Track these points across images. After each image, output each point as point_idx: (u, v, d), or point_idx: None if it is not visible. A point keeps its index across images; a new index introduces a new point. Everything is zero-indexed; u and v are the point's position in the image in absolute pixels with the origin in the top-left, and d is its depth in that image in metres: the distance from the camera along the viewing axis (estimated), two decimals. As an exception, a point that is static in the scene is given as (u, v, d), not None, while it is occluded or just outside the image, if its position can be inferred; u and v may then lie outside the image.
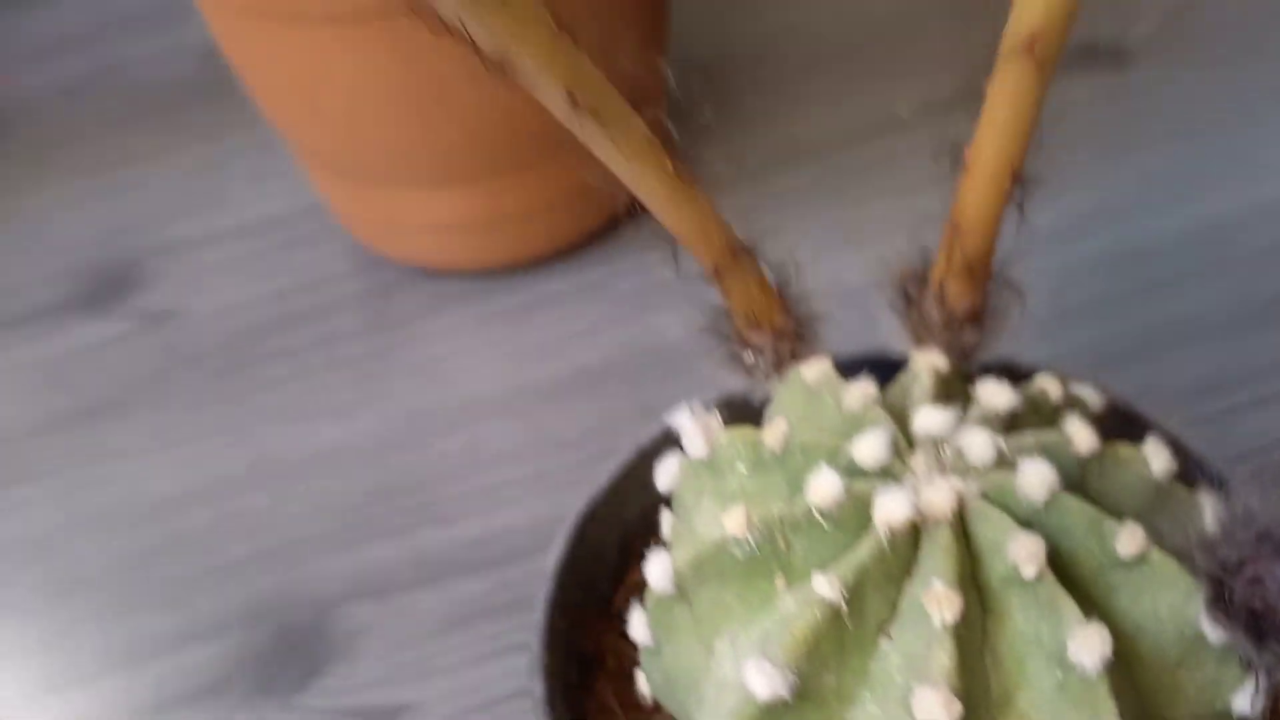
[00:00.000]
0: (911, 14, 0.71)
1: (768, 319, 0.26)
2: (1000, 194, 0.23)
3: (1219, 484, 0.24)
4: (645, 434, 0.31)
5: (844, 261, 0.57)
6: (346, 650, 0.45)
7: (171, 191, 0.68)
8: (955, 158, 0.23)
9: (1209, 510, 0.24)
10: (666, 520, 0.27)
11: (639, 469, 0.30)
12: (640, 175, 0.22)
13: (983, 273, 0.24)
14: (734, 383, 0.29)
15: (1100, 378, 0.47)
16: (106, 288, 0.63)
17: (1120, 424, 0.28)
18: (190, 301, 0.61)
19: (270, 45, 0.48)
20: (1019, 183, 0.23)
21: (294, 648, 0.46)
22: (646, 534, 0.30)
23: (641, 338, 0.55)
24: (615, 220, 0.60)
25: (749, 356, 0.26)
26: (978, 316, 0.25)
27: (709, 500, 0.25)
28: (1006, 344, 0.29)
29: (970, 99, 0.24)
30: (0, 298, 0.64)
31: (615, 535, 0.32)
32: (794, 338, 0.26)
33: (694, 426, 0.25)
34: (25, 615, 0.49)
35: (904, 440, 0.24)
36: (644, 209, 0.24)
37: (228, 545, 0.50)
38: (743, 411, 0.28)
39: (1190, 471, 0.27)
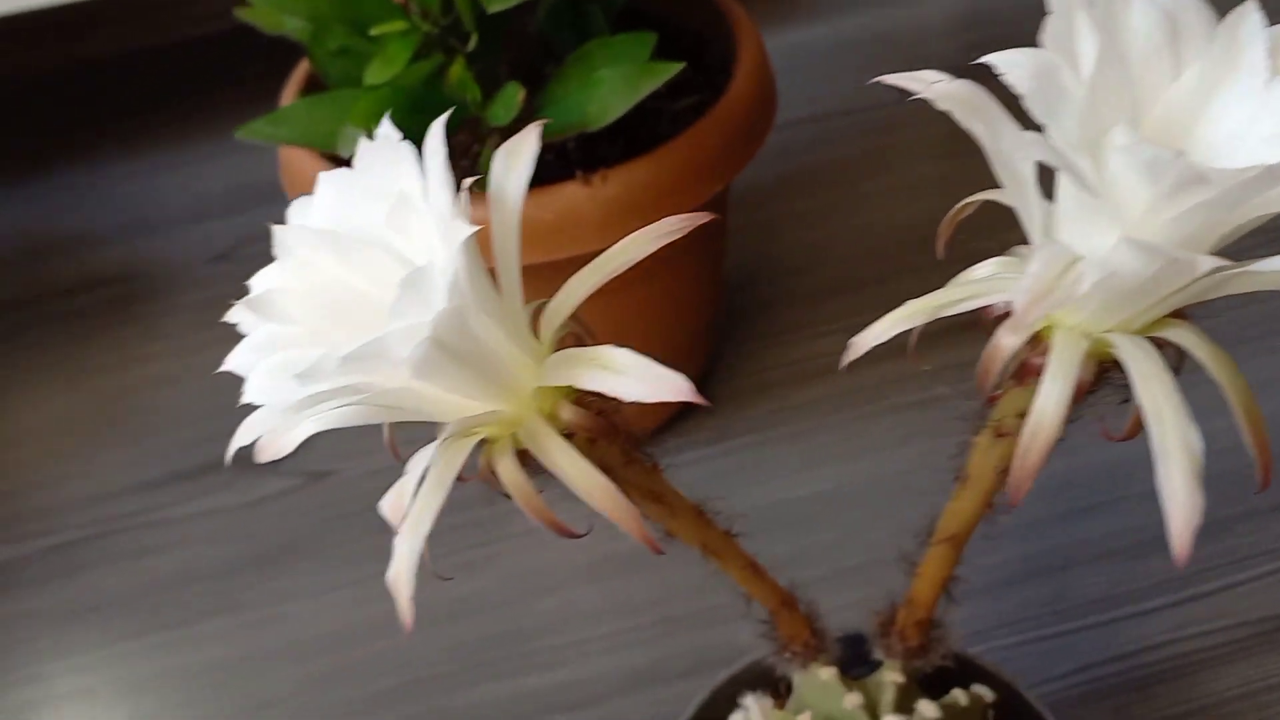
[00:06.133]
0: (907, 245, 0.89)
1: (801, 638, 0.44)
2: (936, 594, 0.41)
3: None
4: (722, 675, 0.49)
5: (842, 470, 0.75)
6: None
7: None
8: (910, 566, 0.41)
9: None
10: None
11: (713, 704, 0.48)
12: (740, 576, 0.41)
13: (926, 626, 0.42)
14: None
15: (1024, 586, 0.66)
16: (269, 448, 0.81)
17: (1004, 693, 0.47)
18: (343, 465, 0.79)
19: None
20: (947, 590, 0.41)
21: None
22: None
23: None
24: (686, 414, 0.78)
25: (786, 654, 0.44)
26: (925, 649, 0.43)
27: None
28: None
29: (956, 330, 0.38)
30: (171, 454, 0.82)
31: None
32: (816, 649, 0.44)
33: (755, 704, 0.43)
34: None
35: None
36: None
37: (380, 677, 0.68)
38: (769, 675, 0.46)
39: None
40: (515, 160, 0.33)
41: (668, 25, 0.69)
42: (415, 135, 0.39)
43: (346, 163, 0.61)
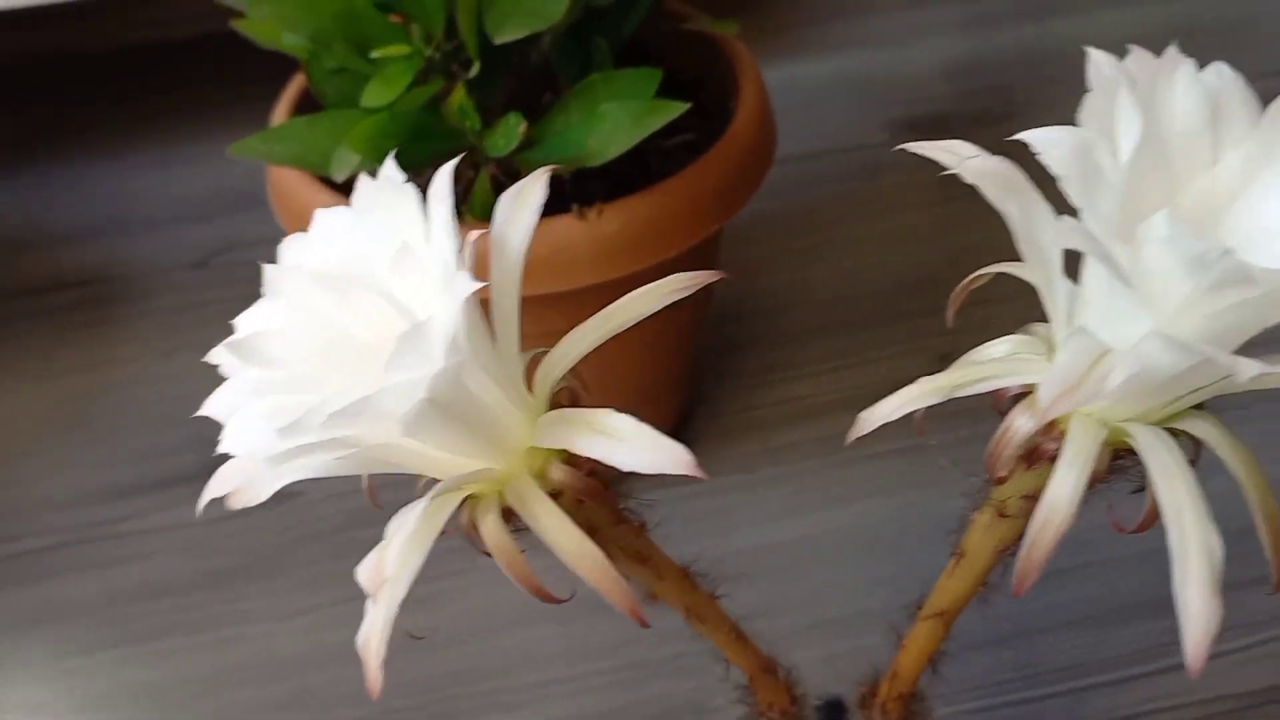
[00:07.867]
0: (894, 290, 0.88)
1: (780, 705, 0.43)
2: (920, 668, 0.40)
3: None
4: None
5: (824, 517, 0.74)
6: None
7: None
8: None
9: None
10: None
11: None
12: (722, 640, 0.39)
13: (909, 699, 0.41)
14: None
15: (992, 650, 0.65)
16: (237, 463, 0.79)
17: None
18: (309, 486, 0.77)
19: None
20: (933, 664, 0.40)
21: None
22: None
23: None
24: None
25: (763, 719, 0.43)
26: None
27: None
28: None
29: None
30: (139, 461, 0.80)
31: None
32: (794, 717, 0.43)
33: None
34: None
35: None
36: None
37: (337, 708, 0.66)
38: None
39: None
40: (522, 206, 0.32)
41: (664, 63, 0.68)
42: (413, 162, 0.38)
43: (340, 185, 0.60)
